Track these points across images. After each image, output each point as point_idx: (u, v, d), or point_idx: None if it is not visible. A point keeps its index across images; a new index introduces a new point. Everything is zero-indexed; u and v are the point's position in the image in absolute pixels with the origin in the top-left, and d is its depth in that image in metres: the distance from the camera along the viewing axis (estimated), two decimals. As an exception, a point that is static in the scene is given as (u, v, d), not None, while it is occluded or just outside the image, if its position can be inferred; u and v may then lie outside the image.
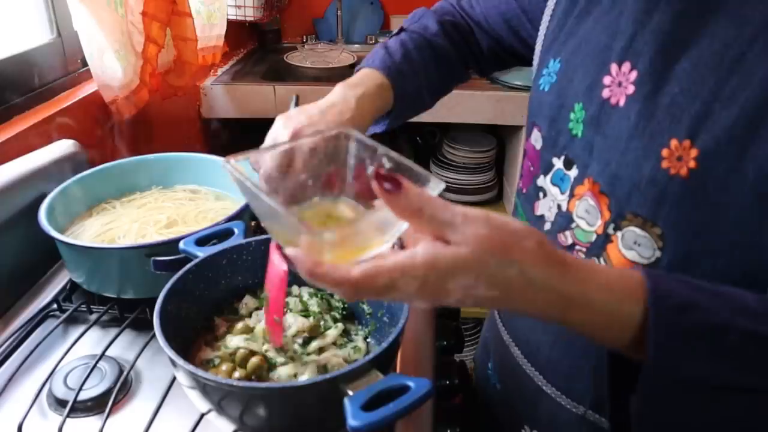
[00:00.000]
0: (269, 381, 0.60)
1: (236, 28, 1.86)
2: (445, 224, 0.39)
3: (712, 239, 0.52)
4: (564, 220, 0.64)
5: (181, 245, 0.70)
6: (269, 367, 0.61)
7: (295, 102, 0.76)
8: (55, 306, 0.80)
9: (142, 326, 0.76)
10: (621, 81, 0.58)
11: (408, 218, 0.40)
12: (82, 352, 0.72)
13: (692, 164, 0.52)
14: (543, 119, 0.67)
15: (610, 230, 0.59)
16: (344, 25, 2.14)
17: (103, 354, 0.70)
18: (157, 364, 0.71)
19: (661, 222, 0.55)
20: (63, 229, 0.83)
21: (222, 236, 0.72)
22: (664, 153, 0.54)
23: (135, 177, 0.96)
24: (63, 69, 1.15)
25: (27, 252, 0.84)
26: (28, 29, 1.11)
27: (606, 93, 0.59)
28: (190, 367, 0.52)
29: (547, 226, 0.67)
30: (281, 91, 1.66)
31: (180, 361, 0.53)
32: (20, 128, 0.94)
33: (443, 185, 0.43)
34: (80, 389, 0.65)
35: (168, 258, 0.71)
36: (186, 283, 0.65)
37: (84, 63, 1.17)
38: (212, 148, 1.70)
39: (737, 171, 0.50)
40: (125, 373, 0.68)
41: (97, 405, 0.65)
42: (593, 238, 0.61)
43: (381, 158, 0.48)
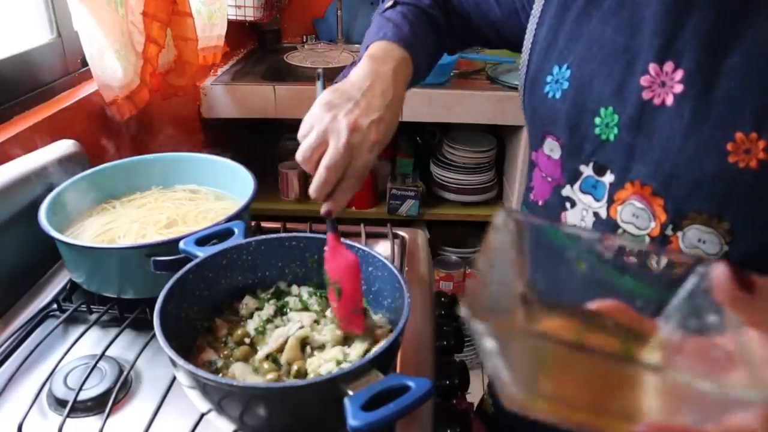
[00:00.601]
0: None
1: (236, 28, 1.86)
2: None
3: None
4: (607, 227, 0.63)
5: (181, 245, 0.70)
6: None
7: (322, 80, 0.70)
8: (55, 306, 0.80)
9: (142, 326, 0.76)
10: (665, 81, 0.58)
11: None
12: (82, 352, 0.72)
13: (762, 155, 0.53)
14: (560, 128, 0.66)
15: (669, 231, 0.58)
16: (344, 25, 2.14)
17: (103, 354, 0.70)
18: (157, 364, 0.71)
19: (729, 216, 0.55)
20: (63, 229, 0.83)
21: (222, 236, 0.72)
22: (729, 147, 0.54)
23: (135, 177, 0.96)
24: (63, 69, 1.15)
25: (27, 252, 0.84)
26: (28, 29, 1.11)
27: (647, 94, 0.59)
28: (190, 367, 0.52)
29: None
30: (281, 91, 1.66)
31: (180, 361, 0.53)
32: (20, 128, 0.94)
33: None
34: (80, 389, 0.64)
35: (168, 258, 0.71)
36: (186, 283, 0.65)
37: (84, 63, 1.17)
38: (212, 148, 1.70)
39: None
40: (125, 373, 0.68)
41: (97, 405, 0.65)
42: (646, 242, 0.60)
43: None
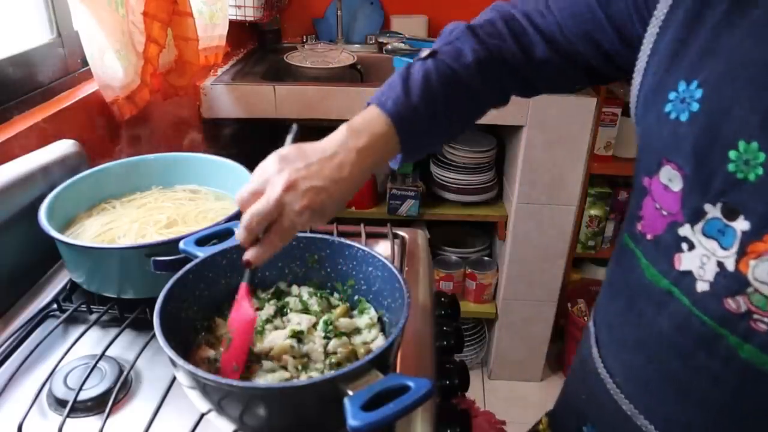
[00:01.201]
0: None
1: (236, 28, 1.86)
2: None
3: None
4: (732, 283, 0.53)
5: (181, 245, 0.70)
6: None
7: (294, 135, 0.68)
8: (55, 306, 0.80)
9: (142, 326, 0.76)
10: None
11: None
12: (82, 352, 0.72)
13: None
14: (683, 156, 0.56)
15: None
16: (344, 25, 2.14)
17: (103, 354, 0.70)
18: (157, 364, 0.71)
19: None
20: (63, 229, 0.83)
21: (222, 236, 0.72)
22: None
23: (135, 177, 0.96)
24: (63, 69, 1.15)
25: (27, 252, 0.84)
26: (28, 29, 1.11)
27: None
28: (190, 367, 0.52)
29: (703, 287, 0.56)
30: (281, 91, 1.66)
31: (180, 361, 0.53)
32: (20, 128, 0.94)
33: None
34: (80, 389, 0.65)
35: (168, 258, 0.71)
36: (186, 283, 0.65)
37: (84, 63, 1.17)
38: (212, 148, 1.70)
39: None
40: (125, 373, 0.68)
41: (97, 405, 0.65)
42: None
43: None
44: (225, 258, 0.70)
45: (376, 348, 0.63)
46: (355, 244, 0.71)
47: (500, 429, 1.22)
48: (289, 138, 0.67)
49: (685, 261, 0.57)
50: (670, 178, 0.58)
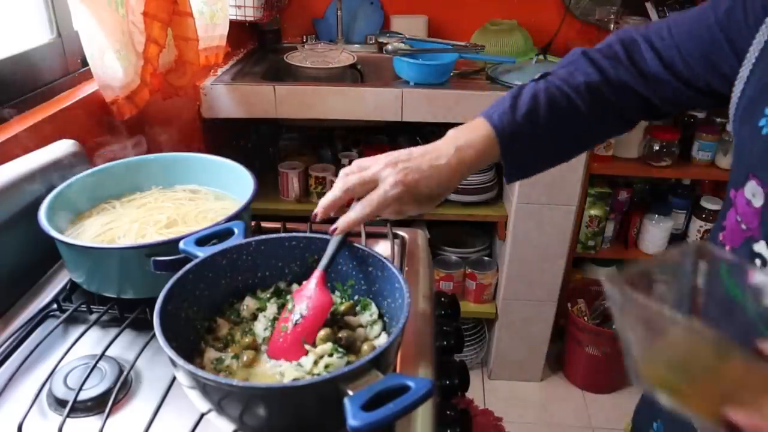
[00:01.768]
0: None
1: (236, 28, 1.85)
2: None
3: None
4: None
5: (181, 245, 0.70)
6: None
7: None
8: (55, 306, 0.80)
9: (142, 326, 0.76)
10: None
11: None
12: (82, 352, 0.72)
13: None
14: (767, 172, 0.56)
15: None
16: (344, 25, 2.14)
17: (103, 354, 0.70)
18: (157, 364, 0.71)
19: None
20: (63, 229, 0.83)
21: (222, 236, 0.72)
22: None
23: (135, 177, 0.96)
24: (63, 69, 1.15)
25: (27, 252, 0.84)
26: (28, 29, 1.11)
27: None
28: (190, 367, 0.52)
29: None
30: (281, 91, 1.66)
31: (180, 361, 0.53)
32: (20, 128, 0.94)
33: None
34: (80, 389, 0.64)
35: (168, 258, 0.71)
36: (186, 283, 0.65)
37: (84, 63, 1.17)
38: (212, 148, 1.70)
39: None
40: (125, 373, 0.68)
41: (97, 405, 0.65)
42: None
43: None
44: (225, 258, 0.70)
45: (377, 347, 0.63)
46: (355, 244, 0.71)
47: (499, 427, 1.22)
48: (347, 163, 0.74)
49: (757, 277, 0.56)
50: (754, 194, 0.58)
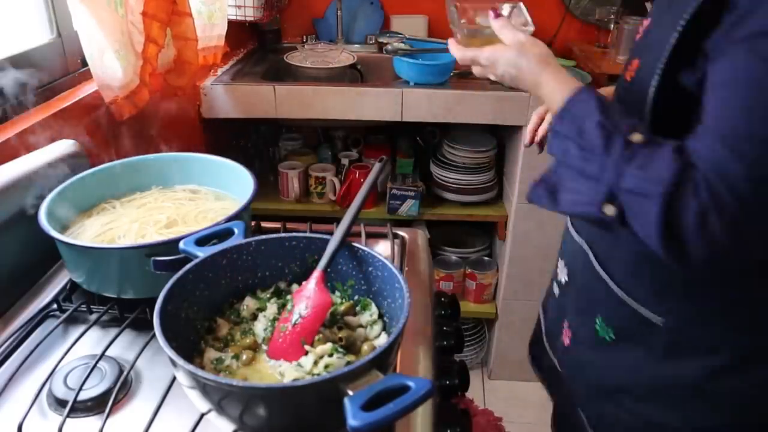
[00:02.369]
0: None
1: (236, 28, 1.86)
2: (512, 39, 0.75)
3: None
4: None
5: (181, 245, 0.70)
6: None
7: (382, 166, 0.82)
8: (55, 306, 0.80)
9: (142, 326, 0.76)
10: None
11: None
12: (82, 352, 0.72)
13: None
14: None
15: None
16: (344, 25, 2.14)
17: (103, 354, 0.70)
18: (157, 364, 0.71)
19: None
20: (63, 229, 0.83)
21: (222, 236, 0.72)
22: None
23: (135, 177, 0.96)
24: (63, 69, 1.15)
25: (27, 252, 0.84)
26: (28, 29, 1.11)
27: None
28: (190, 367, 0.52)
29: None
30: (281, 91, 1.66)
31: (180, 361, 0.53)
32: (20, 128, 0.94)
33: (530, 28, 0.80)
34: (80, 389, 0.65)
35: (168, 258, 0.71)
36: (186, 283, 0.65)
37: (84, 63, 1.17)
38: (212, 148, 1.70)
39: None
40: (125, 373, 0.68)
41: (97, 405, 0.65)
42: None
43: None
44: (225, 258, 0.70)
45: (377, 347, 0.63)
46: (355, 244, 0.71)
47: (499, 427, 1.22)
48: (377, 167, 0.80)
49: None
50: None
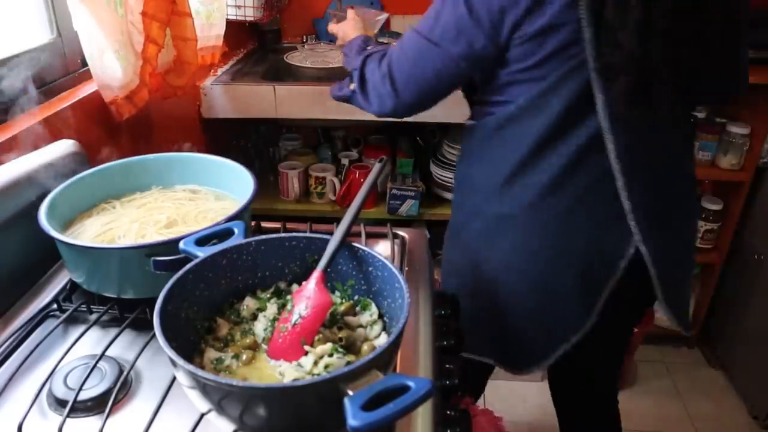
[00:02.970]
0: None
1: (236, 28, 1.85)
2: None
3: None
4: None
5: (181, 245, 0.70)
6: None
7: (382, 166, 0.82)
8: (55, 306, 0.80)
9: (142, 326, 0.76)
10: None
11: None
12: (82, 352, 0.72)
13: None
14: None
15: None
16: (344, 25, 2.14)
17: (103, 354, 0.70)
18: (157, 364, 0.71)
19: None
20: (63, 229, 0.83)
21: (222, 236, 0.72)
22: None
23: (135, 177, 0.96)
24: (63, 69, 1.15)
25: (27, 252, 0.84)
26: (28, 29, 1.11)
27: None
28: (190, 367, 0.52)
29: None
30: (281, 91, 1.66)
31: (180, 361, 0.53)
32: (20, 128, 0.94)
33: None
34: (80, 389, 0.65)
35: (168, 258, 0.71)
36: (186, 283, 0.65)
37: (84, 63, 1.17)
38: (212, 148, 1.70)
39: None
40: (125, 373, 0.68)
41: (97, 405, 0.65)
42: None
43: None
44: (225, 258, 0.70)
45: (377, 347, 0.63)
46: (355, 244, 0.71)
47: (499, 427, 1.22)
48: (377, 167, 0.80)
49: None
50: None
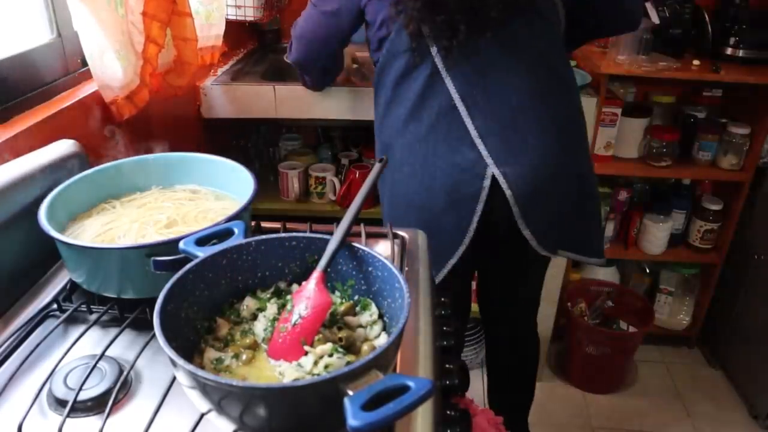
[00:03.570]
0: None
1: (236, 28, 1.86)
2: None
3: None
4: None
5: (181, 245, 0.70)
6: None
7: (382, 165, 0.81)
8: (55, 306, 0.80)
9: (142, 326, 0.76)
10: None
11: None
12: (82, 352, 0.72)
13: None
14: None
15: None
16: (344, 25, 2.14)
17: (103, 354, 0.70)
18: (157, 364, 0.71)
19: None
20: (63, 229, 0.83)
21: (222, 236, 0.72)
22: None
23: (135, 177, 0.96)
24: (63, 69, 1.15)
25: (27, 252, 0.84)
26: (28, 29, 1.11)
27: None
28: (190, 367, 0.52)
29: None
30: (281, 91, 1.66)
31: (180, 361, 0.53)
32: (20, 128, 0.94)
33: None
34: (80, 389, 0.65)
35: (168, 258, 0.71)
36: (186, 283, 0.65)
37: (84, 63, 1.17)
38: (212, 148, 1.70)
39: None
40: (125, 373, 0.68)
41: (97, 405, 0.65)
42: None
43: None
44: (225, 258, 0.70)
45: (377, 347, 0.63)
46: (355, 244, 0.71)
47: (499, 427, 1.22)
48: (377, 167, 0.79)
49: None
50: None
